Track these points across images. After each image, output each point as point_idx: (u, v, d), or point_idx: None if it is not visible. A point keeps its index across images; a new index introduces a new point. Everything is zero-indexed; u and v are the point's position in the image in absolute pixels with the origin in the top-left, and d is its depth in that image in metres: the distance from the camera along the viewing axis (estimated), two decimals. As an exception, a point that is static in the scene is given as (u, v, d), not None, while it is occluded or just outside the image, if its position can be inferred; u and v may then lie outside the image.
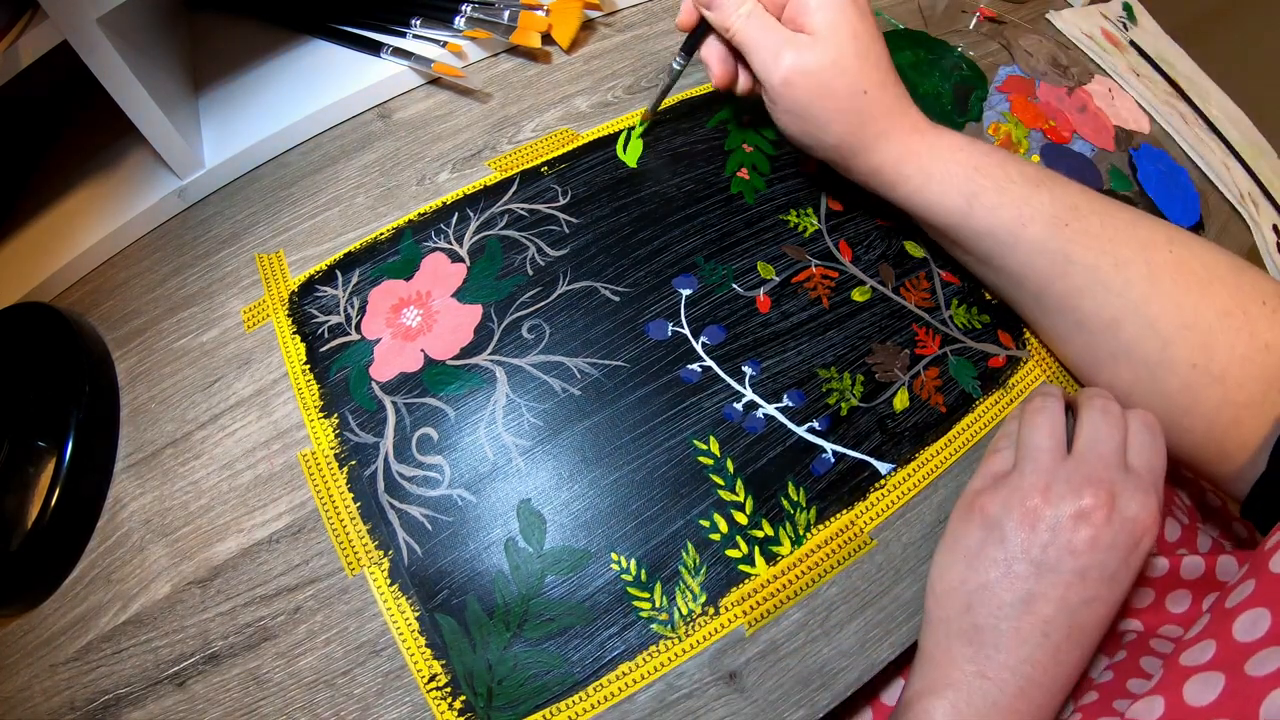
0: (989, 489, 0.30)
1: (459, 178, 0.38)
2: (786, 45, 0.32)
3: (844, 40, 0.31)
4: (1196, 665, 0.23)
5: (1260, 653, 0.21)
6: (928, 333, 0.36)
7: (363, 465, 0.31)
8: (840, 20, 0.31)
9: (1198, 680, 0.22)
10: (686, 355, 0.34)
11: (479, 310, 0.34)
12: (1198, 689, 0.22)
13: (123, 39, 0.33)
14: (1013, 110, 0.45)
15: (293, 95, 0.41)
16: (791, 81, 0.32)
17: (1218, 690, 0.22)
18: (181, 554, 0.30)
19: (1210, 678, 0.22)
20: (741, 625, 0.29)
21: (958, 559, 0.29)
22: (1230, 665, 0.22)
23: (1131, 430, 0.30)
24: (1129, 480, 0.28)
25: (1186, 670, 0.23)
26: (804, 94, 0.32)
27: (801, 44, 0.31)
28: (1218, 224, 0.47)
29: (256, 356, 0.34)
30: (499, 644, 0.28)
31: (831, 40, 0.31)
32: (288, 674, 0.28)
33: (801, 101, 0.32)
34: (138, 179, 0.39)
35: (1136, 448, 0.29)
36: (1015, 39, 0.50)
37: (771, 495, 0.31)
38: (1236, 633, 0.23)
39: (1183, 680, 0.23)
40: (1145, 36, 0.58)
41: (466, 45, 0.42)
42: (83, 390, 0.32)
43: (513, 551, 0.30)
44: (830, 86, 0.32)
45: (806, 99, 0.32)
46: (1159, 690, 0.23)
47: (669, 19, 0.46)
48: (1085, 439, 0.29)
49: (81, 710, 0.28)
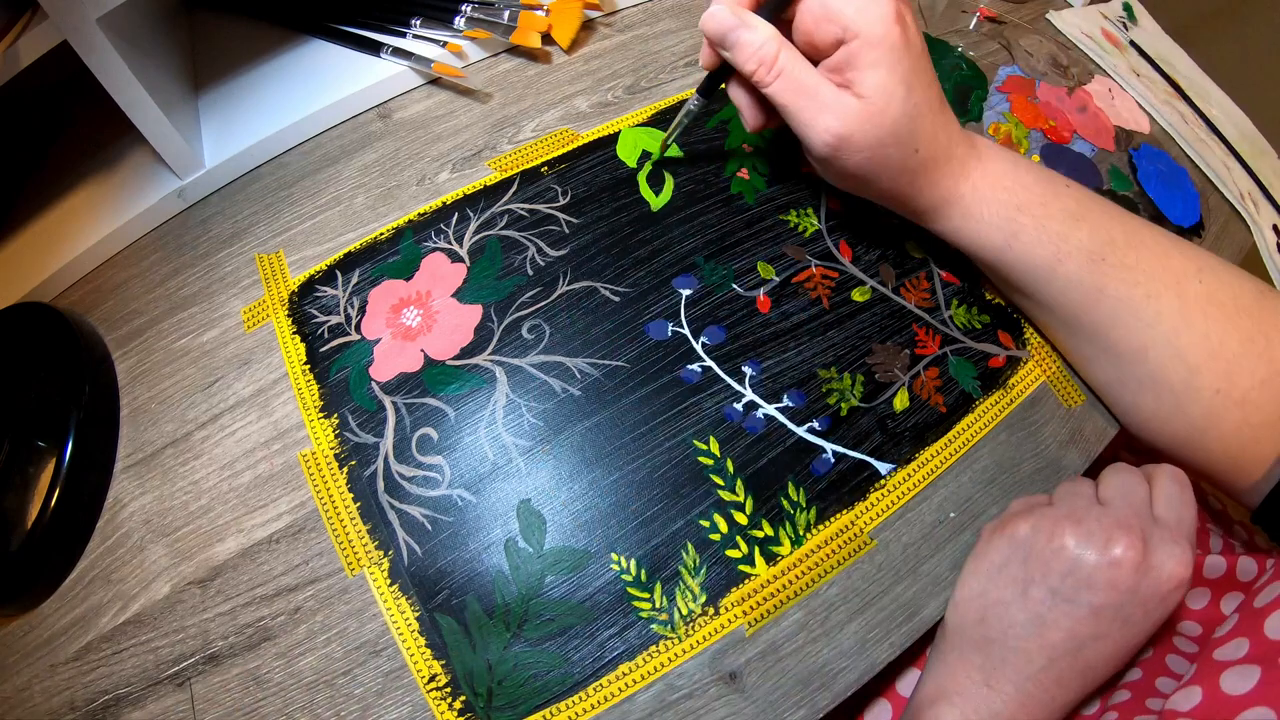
0: (1023, 513, 0.30)
1: (459, 178, 0.38)
2: (832, 114, 0.28)
3: (898, 104, 0.28)
4: (1231, 660, 0.24)
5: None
6: (928, 333, 0.36)
7: (363, 465, 0.31)
8: (895, 82, 0.28)
9: (1233, 673, 0.23)
10: (686, 355, 0.34)
11: (479, 310, 0.34)
12: (1234, 680, 0.23)
13: (123, 39, 0.33)
14: (1013, 110, 0.45)
15: (293, 95, 0.41)
16: (839, 153, 0.29)
17: (1254, 681, 0.23)
18: (181, 554, 0.30)
19: (1246, 670, 0.23)
20: (741, 625, 0.29)
21: (980, 572, 0.30)
22: (1265, 659, 0.23)
23: (1158, 483, 0.30)
24: (1162, 530, 0.27)
25: (1221, 664, 0.24)
26: (851, 163, 0.30)
27: (850, 114, 0.28)
28: (1218, 224, 0.47)
29: (256, 356, 0.34)
30: (499, 644, 0.28)
31: (886, 108, 0.28)
32: (288, 674, 0.28)
33: (848, 167, 0.30)
34: (138, 179, 0.39)
35: (1165, 499, 0.29)
36: (1015, 39, 0.50)
37: (771, 495, 0.31)
38: (1269, 630, 0.24)
39: (1219, 672, 0.24)
40: (1145, 36, 0.58)
41: (466, 45, 0.42)
42: (83, 390, 0.32)
43: (513, 552, 0.30)
44: (881, 155, 0.30)
45: (853, 165, 0.30)
46: (1196, 681, 0.24)
47: (669, 19, 0.46)
48: (1114, 488, 0.30)
49: (81, 710, 0.28)
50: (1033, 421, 0.36)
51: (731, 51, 0.30)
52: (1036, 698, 0.27)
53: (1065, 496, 0.30)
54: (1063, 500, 0.30)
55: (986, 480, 0.34)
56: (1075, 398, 0.36)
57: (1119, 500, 0.29)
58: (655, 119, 0.41)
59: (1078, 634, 0.27)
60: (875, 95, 0.28)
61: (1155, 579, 0.26)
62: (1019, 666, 0.27)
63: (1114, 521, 0.27)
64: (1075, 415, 0.36)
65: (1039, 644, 0.27)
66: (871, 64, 0.28)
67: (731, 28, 0.29)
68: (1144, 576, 0.26)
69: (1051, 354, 0.37)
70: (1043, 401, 0.36)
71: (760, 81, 0.29)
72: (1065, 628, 0.27)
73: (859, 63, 0.28)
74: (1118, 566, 0.26)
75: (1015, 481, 0.34)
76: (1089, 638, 0.27)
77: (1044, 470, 0.34)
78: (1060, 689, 0.27)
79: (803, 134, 0.30)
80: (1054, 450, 0.35)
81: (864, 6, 0.27)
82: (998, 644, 0.28)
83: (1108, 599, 0.26)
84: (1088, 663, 0.27)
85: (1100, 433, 0.36)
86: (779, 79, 0.29)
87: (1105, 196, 0.34)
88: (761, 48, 0.29)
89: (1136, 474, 0.30)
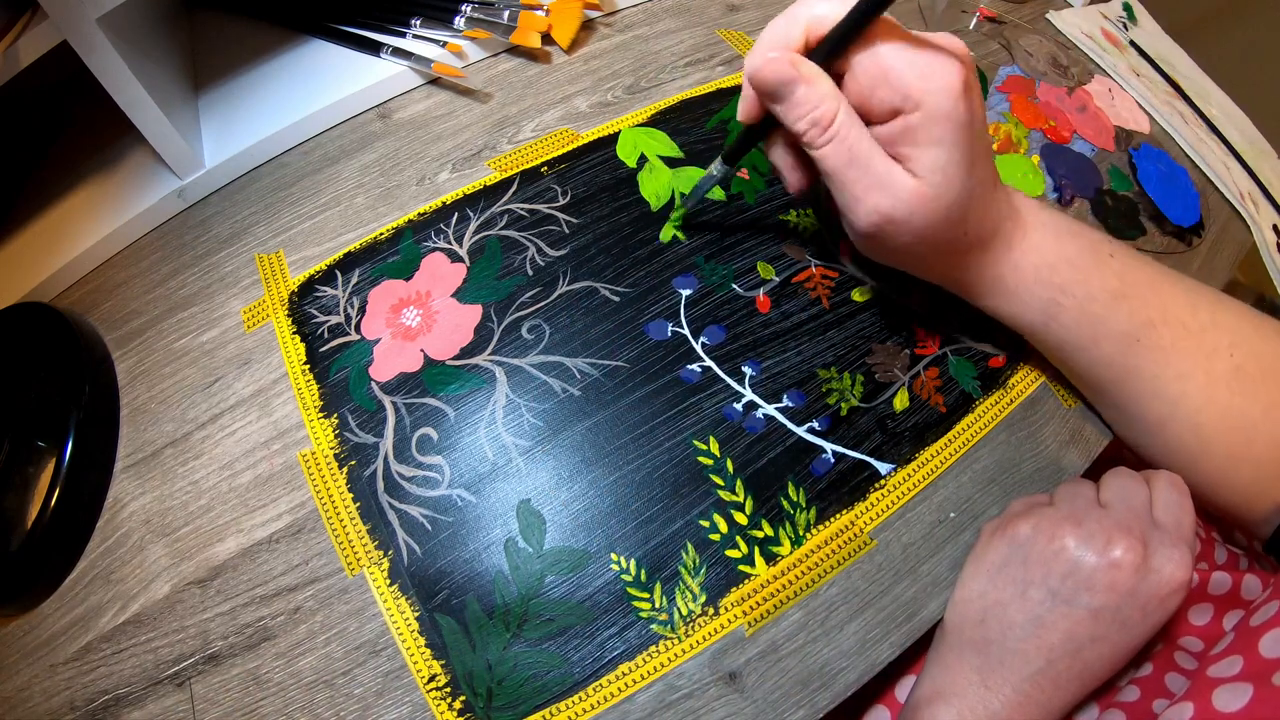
0: (1023, 514, 0.30)
1: (459, 178, 0.38)
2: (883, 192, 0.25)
3: (955, 187, 0.25)
4: (1224, 677, 0.24)
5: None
6: (928, 333, 0.36)
7: (362, 465, 0.31)
8: (955, 164, 0.25)
9: (1226, 690, 0.23)
10: (686, 355, 0.34)
11: (479, 310, 0.34)
12: (1226, 697, 0.23)
13: (123, 39, 0.33)
14: (1013, 110, 0.45)
15: (293, 95, 0.41)
16: (884, 233, 0.27)
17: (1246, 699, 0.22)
18: (181, 554, 0.30)
19: (1238, 688, 0.23)
20: (741, 625, 0.29)
21: (980, 572, 0.30)
22: (1258, 677, 0.23)
23: (1157, 488, 0.30)
24: (1162, 534, 0.27)
25: (1214, 681, 0.24)
26: (896, 244, 0.28)
27: (903, 194, 0.25)
28: (1218, 224, 0.47)
29: (256, 356, 0.34)
30: (499, 644, 0.28)
31: (943, 191, 0.25)
32: (288, 674, 0.28)
33: (889, 246, 0.28)
34: (138, 179, 0.39)
35: (1163, 504, 0.29)
36: (1015, 39, 0.50)
37: (771, 495, 0.31)
38: (1263, 649, 0.24)
39: (1211, 689, 0.24)
40: (1145, 36, 0.58)
41: (466, 45, 0.42)
42: (83, 390, 0.32)
43: (512, 552, 0.30)
44: (929, 238, 0.27)
45: (898, 246, 0.28)
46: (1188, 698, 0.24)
47: (669, 19, 0.46)
48: (1114, 491, 0.30)
49: (81, 710, 0.28)
50: (1033, 421, 0.35)
51: (783, 106, 0.26)
52: (1034, 698, 0.27)
53: (1066, 498, 0.30)
54: (1063, 501, 0.30)
55: (986, 480, 0.34)
56: (1075, 398, 0.36)
57: (1119, 503, 0.29)
58: (655, 119, 0.41)
59: (1076, 636, 0.27)
60: (934, 176, 0.25)
61: (1154, 582, 0.26)
62: (1017, 667, 0.27)
63: (1114, 524, 0.27)
64: (1075, 415, 0.36)
65: (1037, 645, 0.27)
66: (933, 141, 0.24)
67: (790, 80, 0.25)
68: (1143, 579, 0.26)
69: (1051, 354, 0.37)
70: (1043, 401, 0.36)
71: (809, 144, 0.26)
72: (1063, 629, 0.27)
73: (919, 139, 0.25)
74: (1117, 568, 0.26)
75: (1015, 482, 0.34)
76: (1087, 639, 0.27)
77: (1044, 470, 0.34)
78: (1058, 690, 0.27)
79: (847, 207, 0.27)
80: (1054, 450, 0.35)
81: (928, 74, 0.24)
82: (996, 644, 0.28)
83: (1106, 601, 0.26)
84: (1085, 664, 0.27)
85: (1100, 433, 0.36)
86: (831, 144, 0.25)
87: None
88: (819, 107, 0.25)
89: (1137, 478, 0.30)
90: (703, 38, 0.45)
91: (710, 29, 0.46)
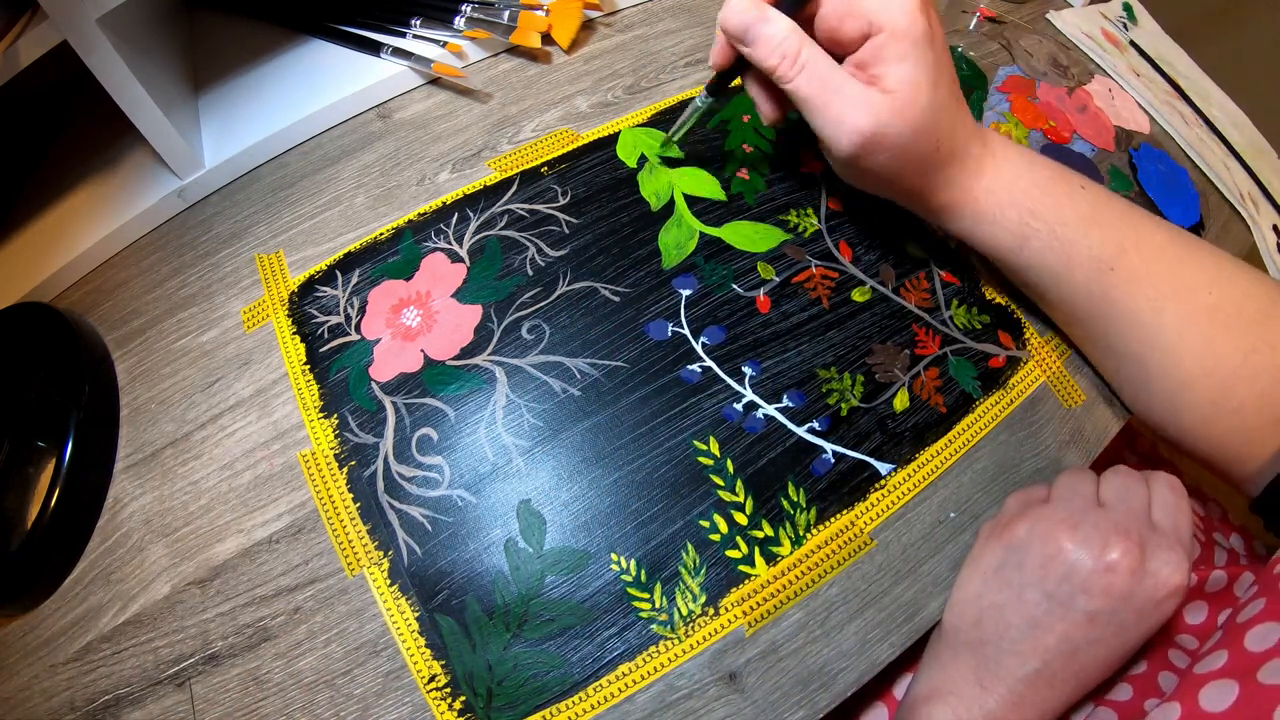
0: (1019, 515, 0.30)
1: (459, 178, 0.38)
2: (858, 110, 0.28)
3: (924, 97, 0.28)
4: (1209, 672, 0.24)
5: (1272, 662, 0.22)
6: (928, 333, 0.36)
7: (362, 465, 0.31)
8: (921, 75, 0.27)
9: (1212, 688, 0.23)
10: (686, 355, 0.34)
11: (479, 310, 0.34)
12: (1213, 695, 0.23)
13: (123, 39, 0.33)
14: (1013, 110, 0.45)
15: (292, 95, 0.41)
16: (866, 151, 0.29)
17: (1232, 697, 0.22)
18: (181, 554, 0.30)
19: (1224, 685, 0.23)
20: (741, 626, 0.29)
21: (977, 574, 0.30)
22: (1243, 673, 0.23)
23: (1155, 490, 0.30)
24: (1159, 537, 0.27)
25: (1201, 679, 0.24)
26: (877, 161, 0.30)
27: (876, 108, 0.28)
28: (1218, 224, 0.47)
29: (256, 357, 0.34)
30: (499, 644, 0.28)
31: (912, 101, 0.28)
32: (287, 674, 0.28)
33: (871, 167, 0.30)
34: (138, 179, 0.39)
35: (1161, 506, 0.29)
36: (1015, 39, 0.50)
37: (771, 496, 0.31)
38: (1249, 644, 0.24)
39: (1198, 687, 0.23)
40: (1145, 36, 0.58)
41: (466, 45, 0.42)
42: (83, 390, 0.32)
43: (513, 552, 0.30)
44: (905, 151, 0.29)
45: (879, 164, 0.30)
46: (1176, 697, 0.24)
47: (669, 19, 0.46)
48: (1113, 491, 0.30)
49: (81, 710, 0.28)
50: (1033, 422, 0.36)
51: (752, 47, 0.29)
52: (1029, 699, 0.27)
53: (1064, 494, 0.30)
54: (1061, 498, 0.30)
55: (987, 481, 0.34)
56: (1076, 398, 0.36)
57: (1118, 503, 0.29)
58: (655, 119, 0.41)
59: (1072, 638, 0.27)
60: (903, 89, 0.27)
61: (1151, 586, 0.26)
62: (1012, 668, 0.27)
63: (1111, 526, 0.27)
64: (1075, 415, 0.36)
65: (1033, 647, 0.27)
66: (899, 57, 0.27)
67: (752, 22, 0.28)
68: (1139, 583, 0.26)
69: (1052, 354, 0.37)
70: (1043, 402, 0.36)
71: (783, 77, 0.29)
72: (1060, 632, 0.27)
73: (886, 56, 0.27)
74: (1113, 572, 0.26)
75: (1015, 482, 0.34)
76: (1083, 642, 0.27)
77: (1044, 470, 0.34)
78: (1053, 691, 0.27)
79: (828, 133, 0.29)
80: (1054, 450, 0.35)
81: None
82: (992, 645, 0.28)
83: (1103, 604, 0.26)
84: (1081, 666, 0.27)
85: (1100, 433, 0.36)
86: (802, 73, 0.28)
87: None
88: (783, 42, 0.28)
89: (1137, 477, 0.30)
90: (703, 38, 0.45)
91: (710, 29, 0.46)
